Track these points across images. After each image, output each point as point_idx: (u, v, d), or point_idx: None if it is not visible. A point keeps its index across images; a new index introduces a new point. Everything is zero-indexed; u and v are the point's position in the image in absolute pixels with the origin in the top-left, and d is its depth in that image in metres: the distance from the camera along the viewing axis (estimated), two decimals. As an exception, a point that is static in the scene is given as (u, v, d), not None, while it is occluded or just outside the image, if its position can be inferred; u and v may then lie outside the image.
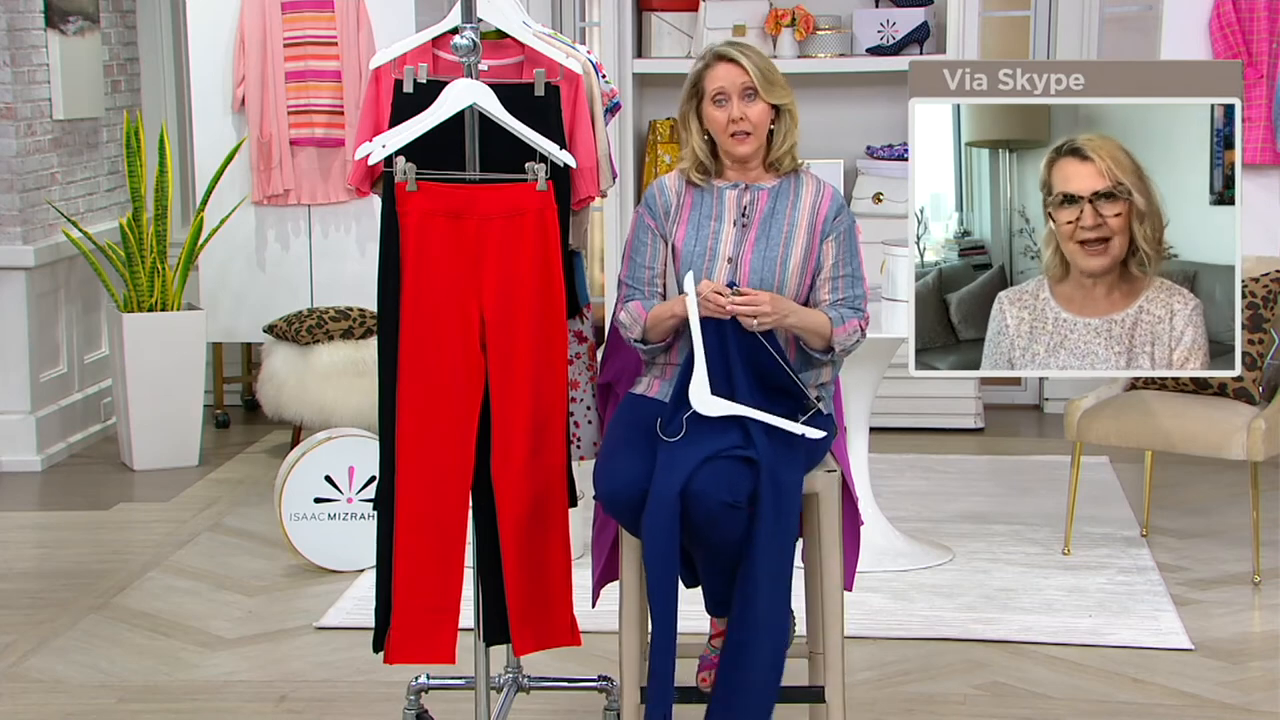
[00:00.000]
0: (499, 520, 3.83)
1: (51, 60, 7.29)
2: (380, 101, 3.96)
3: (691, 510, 3.59)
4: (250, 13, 7.29)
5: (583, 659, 4.71)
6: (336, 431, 5.84)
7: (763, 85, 3.71)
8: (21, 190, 7.10)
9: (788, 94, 3.75)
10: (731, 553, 3.66)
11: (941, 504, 6.43)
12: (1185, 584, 5.53)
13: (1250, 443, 5.45)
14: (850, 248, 3.80)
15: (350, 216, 7.46)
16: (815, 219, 3.75)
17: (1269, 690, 4.66)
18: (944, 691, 4.67)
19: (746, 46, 3.78)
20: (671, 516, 3.58)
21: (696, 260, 3.75)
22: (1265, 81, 6.78)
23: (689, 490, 3.58)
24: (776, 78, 3.75)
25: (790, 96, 3.76)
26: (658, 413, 3.75)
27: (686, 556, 3.74)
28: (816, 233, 3.77)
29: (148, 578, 5.74)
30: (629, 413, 3.86)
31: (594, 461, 4.06)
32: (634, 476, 3.67)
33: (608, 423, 3.99)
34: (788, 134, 3.77)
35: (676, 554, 3.62)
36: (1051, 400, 8.05)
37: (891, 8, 7.67)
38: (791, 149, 3.79)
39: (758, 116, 3.70)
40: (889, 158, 7.65)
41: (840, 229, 3.78)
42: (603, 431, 4.13)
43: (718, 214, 3.77)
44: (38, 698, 4.73)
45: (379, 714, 4.56)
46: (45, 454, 7.25)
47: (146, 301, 7.10)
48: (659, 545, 3.60)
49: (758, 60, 3.73)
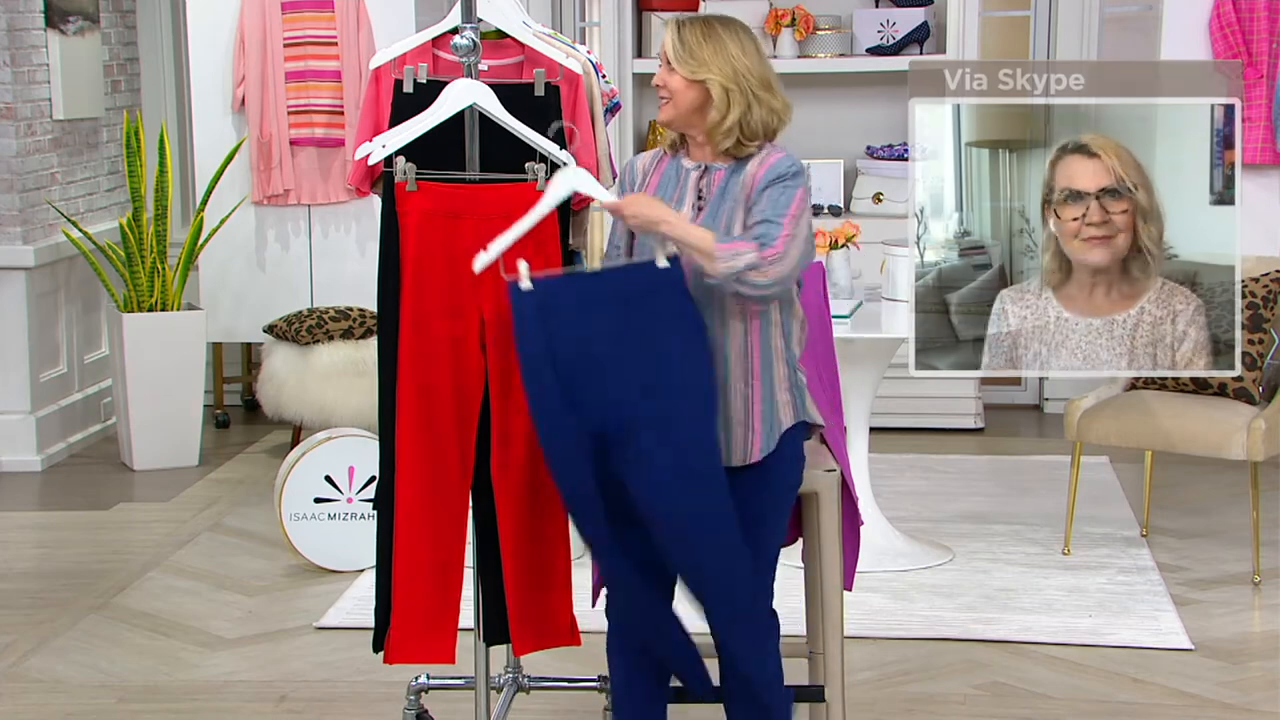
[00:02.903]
0: (499, 520, 3.83)
1: (51, 60, 7.30)
2: (380, 101, 3.95)
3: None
4: (250, 13, 7.29)
5: (582, 659, 4.66)
6: (336, 431, 5.86)
7: (674, 56, 3.58)
8: (22, 190, 7.10)
9: (710, 71, 3.55)
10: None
11: (941, 504, 6.44)
12: (1185, 584, 5.53)
13: (1250, 443, 5.46)
14: (778, 198, 3.52)
15: (350, 216, 7.47)
16: (750, 189, 3.57)
17: (1269, 690, 4.67)
18: (944, 691, 4.67)
19: (695, 21, 3.63)
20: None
21: (649, 240, 3.61)
22: (1265, 81, 6.79)
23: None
24: (702, 53, 3.56)
25: (715, 74, 3.55)
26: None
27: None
28: (748, 200, 3.58)
29: (148, 578, 5.75)
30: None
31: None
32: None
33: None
34: (725, 113, 3.56)
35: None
36: (1051, 400, 8.05)
37: (891, 8, 7.69)
38: (732, 129, 3.58)
39: (674, 85, 3.59)
40: (889, 158, 7.67)
41: (773, 182, 3.55)
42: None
43: (680, 196, 3.67)
44: (38, 698, 4.74)
45: (379, 714, 4.56)
46: (45, 454, 7.25)
47: (146, 301, 7.10)
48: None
49: (688, 33, 3.59)
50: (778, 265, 3.47)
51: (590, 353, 3.50)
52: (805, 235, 3.53)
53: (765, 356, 3.59)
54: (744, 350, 3.59)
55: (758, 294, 3.49)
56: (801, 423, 3.66)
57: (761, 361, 3.59)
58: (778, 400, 3.60)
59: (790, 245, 3.48)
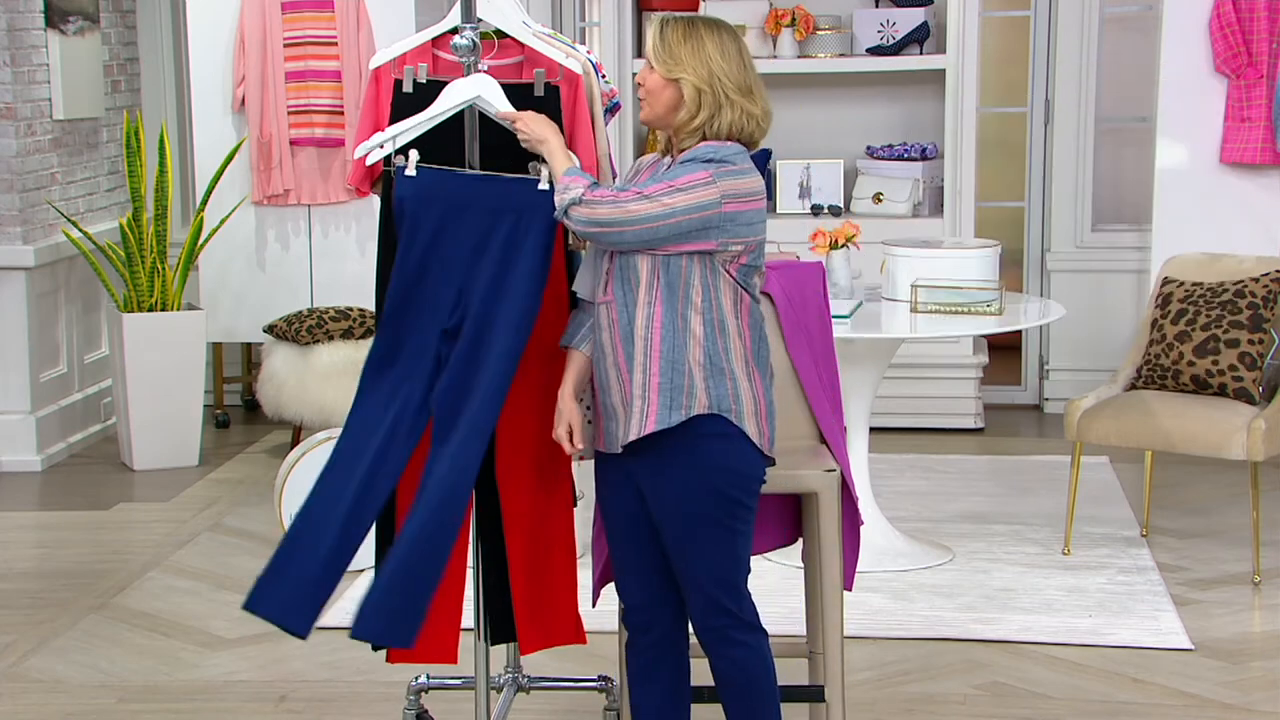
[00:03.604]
0: (504, 519, 3.84)
1: (51, 60, 7.30)
2: (380, 101, 3.95)
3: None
4: (250, 13, 7.30)
5: (582, 659, 4.71)
6: (336, 431, 5.75)
7: (654, 54, 3.59)
8: (22, 190, 7.11)
9: (685, 71, 3.54)
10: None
11: (941, 504, 6.44)
12: (1185, 584, 5.53)
13: (1250, 443, 5.46)
14: (673, 174, 3.51)
15: (350, 216, 7.47)
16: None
17: (1269, 690, 4.67)
18: (944, 691, 4.68)
19: (680, 20, 3.62)
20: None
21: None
22: (1265, 81, 6.80)
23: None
24: (680, 52, 3.56)
25: (689, 74, 3.53)
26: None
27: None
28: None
29: (148, 578, 5.75)
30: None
31: (593, 464, 3.98)
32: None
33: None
34: (694, 114, 3.55)
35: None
36: (1051, 400, 8.07)
37: (891, 8, 7.70)
38: (696, 130, 3.56)
39: (651, 84, 3.59)
40: (889, 157, 7.68)
41: (681, 162, 3.54)
42: (600, 431, 4.09)
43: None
44: (38, 697, 4.74)
45: (379, 714, 4.57)
46: (45, 454, 7.27)
47: (146, 301, 7.11)
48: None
49: (670, 32, 3.59)
50: (601, 207, 3.48)
51: (449, 245, 3.68)
52: (672, 205, 3.46)
53: (669, 337, 3.53)
54: (646, 327, 3.54)
55: (576, 229, 3.55)
56: (718, 416, 3.54)
57: (663, 341, 3.52)
58: (688, 382, 3.52)
59: (635, 201, 3.47)
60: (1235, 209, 6.92)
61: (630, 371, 3.55)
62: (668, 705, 3.76)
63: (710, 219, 3.47)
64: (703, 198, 3.47)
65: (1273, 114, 6.77)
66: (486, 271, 3.67)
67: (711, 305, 3.53)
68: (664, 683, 3.75)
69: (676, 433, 3.53)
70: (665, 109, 3.57)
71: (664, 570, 3.69)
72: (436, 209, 3.69)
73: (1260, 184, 6.90)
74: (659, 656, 3.74)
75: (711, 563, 3.59)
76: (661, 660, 3.74)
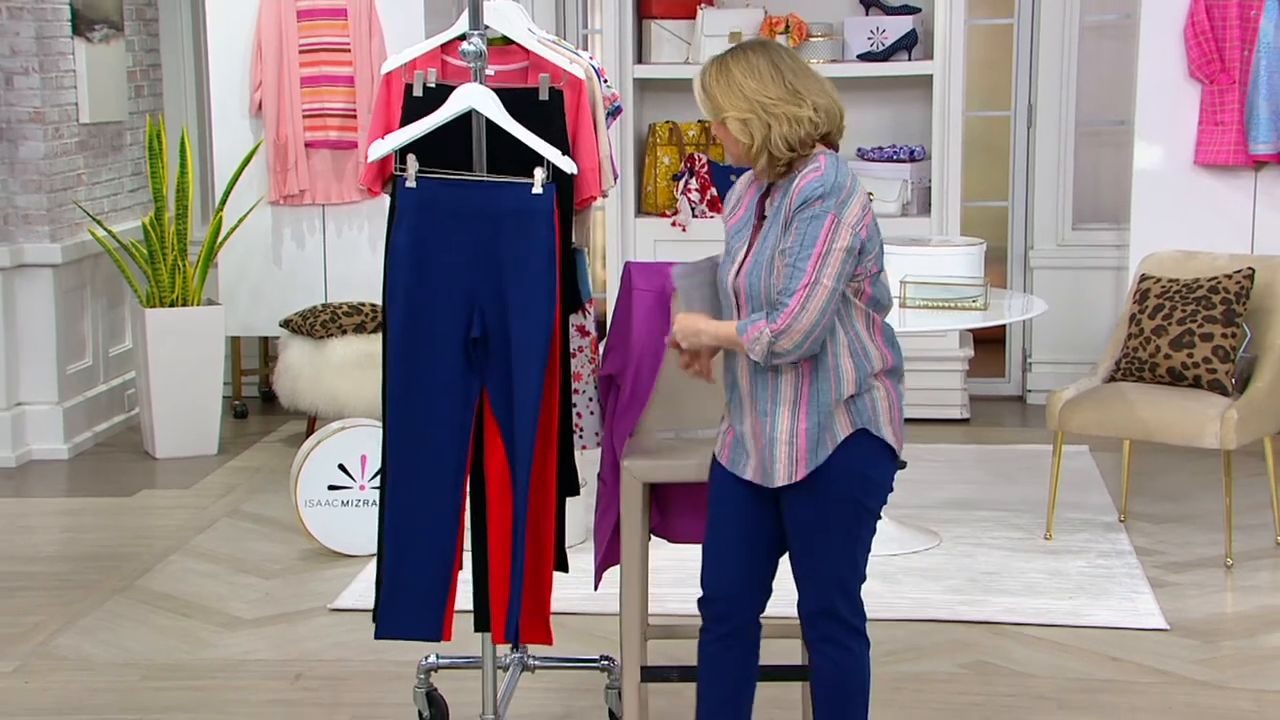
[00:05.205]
0: (487, 515, 3.86)
1: (78, 67, 7.32)
2: (391, 105, 4.00)
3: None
4: (267, 21, 7.32)
5: (585, 639, 4.78)
6: (349, 422, 5.86)
7: (703, 109, 3.58)
8: (49, 190, 7.14)
9: (727, 109, 3.49)
10: None
11: (929, 491, 6.43)
12: (1161, 567, 5.58)
13: (1223, 432, 5.48)
14: (804, 234, 3.42)
15: (363, 216, 7.51)
16: (787, 211, 3.47)
17: (1240, 668, 4.73)
18: (931, 671, 4.73)
19: (711, 65, 3.55)
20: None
21: (725, 261, 3.64)
22: (1237, 87, 6.84)
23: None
24: (718, 95, 3.51)
25: (730, 110, 3.49)
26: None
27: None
28: (784, 223, 3.48)
29: (169, 561, 5.80)
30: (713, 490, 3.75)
31: (599, 452, 4.08)
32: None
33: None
34: (751, 142, 3.49)
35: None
36: (1034, 392, 8.06)
37: (881, 15, 7.71)
38: (759, 154, 3.49)
39: (717, 133, 3.59)
40: (879, 159, 7.70)
41: (804, 214, 3.43)
42: (604, 421, 4.12)
43: (748, 217, 3.64)
44: (66, 675, 4.79)
45: (390, 691, 4.61)
46: (72, 443, 7.30)
47: (168, 297, 7.14)
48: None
49: (708, 80, 3.53)
50: (791, 335, 3.40)
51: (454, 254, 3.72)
52: (834, 272, 3.41)
53: (815, 382, 3.49)
54: (797, 375, 3.50)
55: (790, 360, 3.43)
56: (863, 431, 3.51)
57: (812, 387, 3.49)
58: (832, 420, 3.49)
59: (808, 299, 3.39)
60: (1209, 209, 6.94)
61: (774, 416, 3.52)
62: (732, 692, 3.72)
63: (855, 255, 3.46)
64: (844, 244, 3.43)
65: (1244, 118, 6.80)
66: (493, 279, 3.70)
67: (853, 338, 3.50)
68: (732, 669, 3.71)
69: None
70: (736, 149, 3.51)
71: (764, 569, 3.66)
72: (436, 217, 3.70)
73: (1233, 185, 6.92)
74: (732, 646, 3.70)
75: (833, 567, 3.56)
76: (733, 649, 3.70)
